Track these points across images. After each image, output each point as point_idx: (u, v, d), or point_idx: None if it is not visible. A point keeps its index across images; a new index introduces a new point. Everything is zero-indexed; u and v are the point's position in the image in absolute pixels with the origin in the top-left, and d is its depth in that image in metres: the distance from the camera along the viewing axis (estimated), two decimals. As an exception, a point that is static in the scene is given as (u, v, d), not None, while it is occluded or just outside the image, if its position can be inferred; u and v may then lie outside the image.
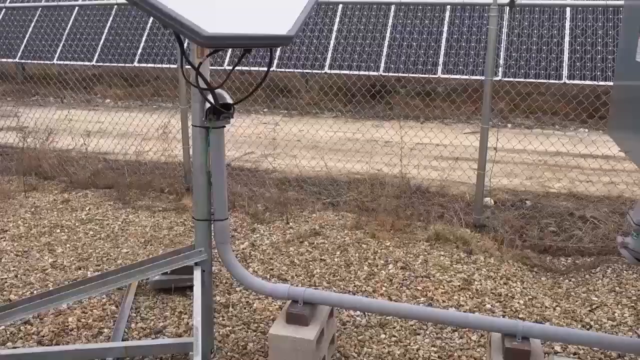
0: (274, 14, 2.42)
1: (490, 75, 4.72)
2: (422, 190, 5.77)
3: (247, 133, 8.02)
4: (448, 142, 6.91)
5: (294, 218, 5.05)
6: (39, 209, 5.33)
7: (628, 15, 2.79)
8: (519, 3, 4.82)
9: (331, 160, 6.88)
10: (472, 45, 11.12)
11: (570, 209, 5.33)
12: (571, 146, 6.71)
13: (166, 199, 5.59)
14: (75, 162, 6.54)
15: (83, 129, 8.09)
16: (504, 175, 6.42)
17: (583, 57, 10.32)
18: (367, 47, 11.65)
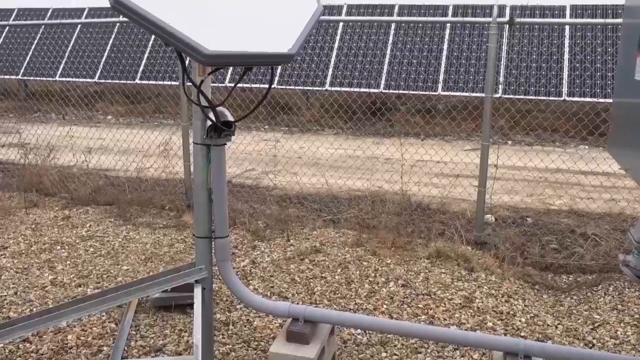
0: (275, 30, 2.44)
1: (490, 93, 4.74)
2: (422, 208, 5.76)
3: (248, 150, 8.04)
4: (448, 159, 6.92)
5: (295, 235, 5.04)
6: (39, 225, 5.32)
7: (626, 34, 2.81)
8: (518, 21, 4.85)
9: (332, 177, 6.89)
10: (472, 63, 11.19)
11: (572, 226, 5.32)
12: (572, 163, 6.72)
13: (167, 216, 5.59)
14: (77, 179, 6.55)
15: (84, 145, 8.11)
16: (505, 192, 6.42)
17: (582, 74, 10.37)
18: (367, 65, 11.72)
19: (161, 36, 2.10)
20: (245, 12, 2.42)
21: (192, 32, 2.12)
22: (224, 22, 2.30)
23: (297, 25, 2.52)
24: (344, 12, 12.59)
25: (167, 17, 2.11)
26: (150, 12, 2.07)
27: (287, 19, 2.54)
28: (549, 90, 10.47)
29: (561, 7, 11.37)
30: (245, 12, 2.42)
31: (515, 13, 11.43)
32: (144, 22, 2.08)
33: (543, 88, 10.51)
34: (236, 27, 2.32)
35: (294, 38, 2.41)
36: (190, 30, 2.11)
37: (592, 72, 10.41)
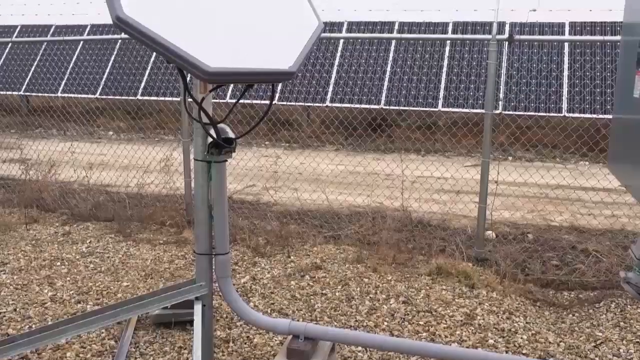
0: (277, 46, 2.45)
1: (490, 109, 4.76)
2: (423, 224, 5.76)
3: (248, 166, 8.05)
4: (449, 175, 6.93)
5: (295, 251, 5.03)
6: (39, 241, 5.32)
7: (625, 51, 2.83)
8: (517, 38, 4.88)
9: (332, 193, 6.89)
10: (472, 79, 11.24)
11: (573, 242, 5.31)
12: (572, 179, 6.72)
13: (167, 232, 5.58)
14: (77, 195, 6.55)
15: (85, 161, 8.13)
16: (506, 208, 6.41)
17: (582, 91, 10.42)
18: (368, 81, 11.78)
19: (163, 53, 2.11)
20: (247, 28, 2.44)
21: (194, 48, 2.13)
22: (226, 38, 2.32)
23: (298, 43, 2.54)
24: (345, 29, 12.68)
25: (169, 34, 2.13)
26: (152, 29, 2.09)
27: (288, 36, 2.56)
28: (548, 107, 10.51)
29: (560, 25, 11.45)
30: (247, 28, 2.44)
31: (515, 30, 11.51)
32: (145, 40, 2.10)
33: (543, 104, 10.56)
34: (238, 43, 2.34)
35: (295, 55, 2.43)
36: (191, 47, 2.13)
37: (591, 88, 10.46)
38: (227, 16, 2.43)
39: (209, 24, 2.33)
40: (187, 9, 2.31)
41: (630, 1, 2.91)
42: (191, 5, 2.34)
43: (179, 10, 2.28)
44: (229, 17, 2.43)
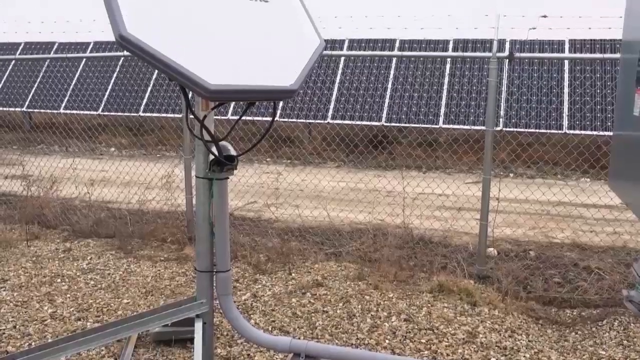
0: (278, 64, 2.47)
1: (491, 126, 4.77)
2: (425, 241, 5.74)
3: (250, 182, 8.05)
4: (450, 192, 6.93)
5: (296, 268, 5.01)
6: (40, 258, 5.31)
7: (624, 69, 2.84)
8: (517, 56, 4.91)
9: (334, 210, 6.89)
10: (472, 96, 11.29)
11: (575, 259, 5.29)
12: (573, 196, 6.71)
13: (168, 249, 5.57)
14: (78, 211, 6.55)
15: (87, 177, 8.14)
16: (507, 225, 6.40)
17: (582, 108, 10.45)
18: (369, 98, 11.83)
19: (165, 71, 2.13)
20: (249, 46, 2.46)
21: (196, 66, 2.15)
22: (228, 56, 2.34)
23: (299, 60, 2.56)
24: (346, 47, 12.76)
25: (171, 52, 2.14)
26: (154, 48, 2.11)
27: (290, 54, 2.58)
28: (549, 124, 10.54)
29: (560, 42, 11.52)
30: (249, 46, 2.46)
31: (515, 48, 11.58)
32: (148, 58, 2.12)
33: (544, 121, 10.58)
34: (240, 61, 2.35)
35: (296, 73, 2.44)
36: (193, 65, 2.14)
37: (592, 105, 10.49)
38: (230, 34, 2.45)
39: (211, 42, 2.35)
40: (189, 27, 2.33)
41: (629, 19, 2.93)
42: (194, 23, 2.36)
43: (181, 28, 2.30)
44: (231, 35, 2.45)
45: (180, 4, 2.38)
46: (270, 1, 2.80)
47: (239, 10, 2.60)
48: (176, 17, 2.32)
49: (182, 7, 2.38)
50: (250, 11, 2.65)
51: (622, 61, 3.04)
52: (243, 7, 2.64)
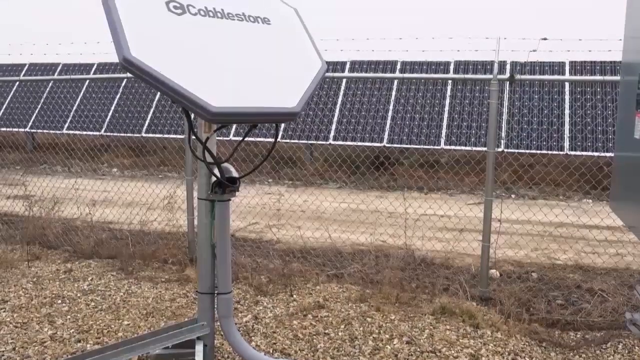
0: (281, 87, 2.49)
1: (492, 148, 4.78)
2: (427, 262, 5.72)
3: (252, 203, 8.06)
4: (452, 214, 6.92)
5: (298, 290, 4.99)
6: (41, 278, 5.29)
7: (624, 91, 2.86)
8: (518, 78, 4.94)
9: (335, 231, 6.87)
10: (473, 118, 11.33)
11: (578, 281, 5.27)
12: (575, 217, 6.70)
13: (169, 270, 5.56)
14: (80, 232, 6.55)
15: (89, 198, 8.15)
16: (509, 246, 6.38)
17: (584, 129, 10.48)
18: (370, 120, 11.88)
19: (168, 94, 2.15)
20: (252, 68, 2.48)
21: (198, 89, 2.16)
22: (231, 79, 2.36)
23: (302, 83, 2.58)
24: (347, 68, 12.84)
25: (174, 74, 2.16)
26: (158, 70, 2.13)
27: (292, 76, 2.60)
28: (550, 145, 10.56)
29: (560, 64, 11.59)
30: (252, 68, 2.48)
31: (516, 69, 11.65)
32: (151, 80, 2.14)
33: (545, 142, 10.61)
34: (242, 84, 2.37)
35: (299, 95, 2.46)
36: (196, 87, 2.16)
37: (592, 127, 10.52)
38: (232, 57, 2.47)
39: (214, 65, 2.37)
40: (192, 50, 2.35)
41: (628, 41, 2.96)
42: (197, 45, 2.38)
43: (184, 51, 2.32)
44: (234, 58, 2.47)
45: (183, 27, 2.41)
46: (273, 24, 2.83)
47: (242, 33, 2.63)
48: (179, 40, 2.34)
49: (185, 30, 2.40)
50: (253, 34, 2.68)
51: (622, 83, 3.07)
52: (246, 29, 2.66)
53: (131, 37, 2.18)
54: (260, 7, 2.85)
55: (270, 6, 2.91)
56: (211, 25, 2.52)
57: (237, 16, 2.67)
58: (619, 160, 2.83)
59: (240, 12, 2.71)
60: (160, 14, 2.37)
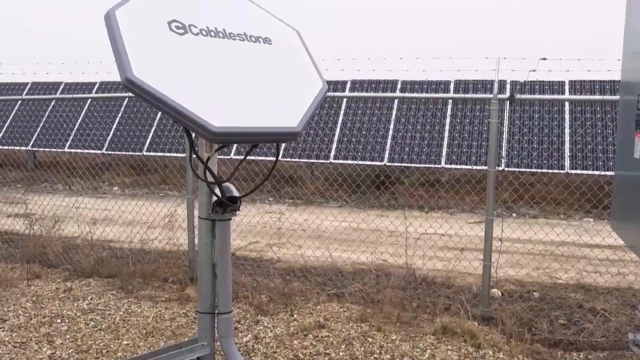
0: (281, 107, 2.50)
1: (493, 167, 4.79)
2: (428, 282, 5.70)
3: (252, 222, 8.05)
4: (453, 233, 6.90)
5: (299, 309, 4.97)
6: (40, 297, 5.27)
7: (624, 111, 2.87)
8: (518, 98, 4.97)
9: (336, 251, 6.86)
10: (474, 137, 11.36)
11: (580, 300, 5.24)
12: (577, 236, 6.69)
13: (169, 289, 5.53)
14: (80, 250, 6.53)
15: (90, 216, 8.15)
16: (511, 266, 6.36)
17: (584, 148, 10.50)
18: (371, 139, 11.91)
19: (170, 114, 2.16)
20: (253, 88, 2.50)
21: (200, 109, 2.17)
22: (232, 99, 2.37)
23: (303, 103, 2.59)
24: (348, 88, 12.91)
25: (176, 95, 2.17)
26: (160, 90, 2.14)
27: (293, 96, 2.61)
28: (551, 164, 10.57)
29: (560, 83, 11.65)
30: (253, 88, 2.50)
31: (516, 89, 11.71)
32: (153, 100, 2.15)
33: (545, 161, 10.62)
34: (244, 104, 2.39)
35: (299, 115, 2.47)
36: (197, 107, 2.17)
37: (593, 146, 10.54)
38: (233, 76, 2.49)
39: (215, 85, 2.38)
40: (194, 69, 2.37)
41: (627, 61, 2.98)
42: (198, 65, 2.40)
43: (185, 70, 2.34)
44: (235, 78, 2.49)
45: (185, 47, 2.43)
46: (274, 44, 2.85)
47: (243, 52, 2.65)
48: (181, 59, 2.36)
49: (186, 50, 2.43)
50: (254, 53, 2.70)
51: (621, 103, 3.08)
52: (247, 49, 2.69)
53: (133, 57, 2.19)
54: (261, 27, 2.88)
55: (272, 27, 2.94)
56: (213, 45, 2.54)
57: (239, 36, 2.70)
58: (619, 179, 2.83)
59: (242, 32, 2.73)
60: (162, 33, 2.39)
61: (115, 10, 2.32)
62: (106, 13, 2.31)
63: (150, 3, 2.47)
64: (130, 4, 2.39)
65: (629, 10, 2.97)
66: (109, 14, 2.30)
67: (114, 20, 2.28)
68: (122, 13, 2.32)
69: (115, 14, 2.30)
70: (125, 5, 2.37)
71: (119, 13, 2.32)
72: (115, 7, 2.34)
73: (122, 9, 2.34)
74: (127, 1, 2.39)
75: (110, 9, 2.32)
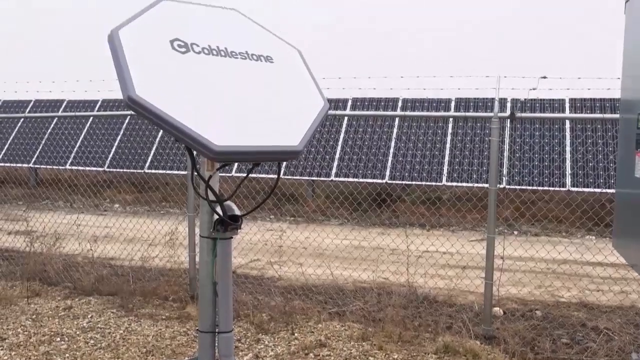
0: (283, 125, 2.51)
1: (494, 185, 4.79)
2: (429, 300, 5.67)
3: (253, 240, 8.04)
4: (455, 251, 6.88)
5: (299, 328, 4.94)
6: (40, 315, 5.25)
7: (624, 129, 2.88)
8: (519, 116, 4.98)
9: (337, 268, 6.83)
10: (475, 154, 11.38)
11: (582, 319, 5.21)
12: (579, 254, 6.66)
13: (170, 307, 5.51)
14: (81, 268, 6.52)
15: (90, 234, 8.14)
16: (513, 284, 6.33)
17: (585, 166, 10.51)
18: (372, 156, 11.93)
19: (172, 132, 2.16)
20: (255, 107, 2.51)
21: (202, 128, 2.18)
22: (234, 118, 2.38)
23: (304, 122, 2.60)
24: (349, 106, 12.96)
25: (178, 113, 2.18)
26: (162, 109, 2.15)
27: (295, 115, 2.62)
28: (552, 181, 10.57)
29: (560, 101, 11.69)
30: (255, 107, 2.51)
31: (516, 107, 11.75)
32: (155, 119, 2.15)
33: (546, 179, 10.62)
34: (245, 122, 2.40)
35: (301, 134, 2.48)
36: (200, 126, 2.18)
37: (594, 164, 10.55)
38: (235, 95, 2.50)
39: (217, 103, 2.39)
40: (195, 88, 2.38)
41: (627, 79, 2.99)
42: (200, 84, 2.42)
43: (188, 89, 2.35)
44: (237, 96, 2.50)
45: (187, 66, 2.45)
46: (276, 62, 2.87)
47: (245, 71, 2.67)
48: (183, 78, 2.38)
49: (188, 68, 2.44)
50: (256, 72, 2.72)
51: (621, 121, 3.09)
52: (249, 67, 2.70)
53: (136, 76, 2.21)
54: (263, 46, 2.90)
55: (274, 45, 2.96)
56: (214, 63, 2.56)
57: (241, 54, 2.71)
58: (620, 198, 2.83)
59: (244, 51, 2.75)
60: (164, 52, 2.41)
61: (118, 30, 2.34)
62: (109, 33, 2.34)
63: (153, 22, 2.50)
64: (133, 24, 2.41)
65: (627, 29, 2.99)
66: (112, 34, 2.32)
67: (117, 39, 2.30)
68: (125, 33, 2.34)
69: (119, 33, 2.32)
70: (128, 25, 2.39)
71: (122, 33, 2.34)
72: (119, 27, 2.36)
73: (125, 28, 2.36)
74: (130, 21, 2.42)
75: (114, 28, 2.35)
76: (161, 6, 2.62)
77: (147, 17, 2.51)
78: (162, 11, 2.60)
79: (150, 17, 2.53)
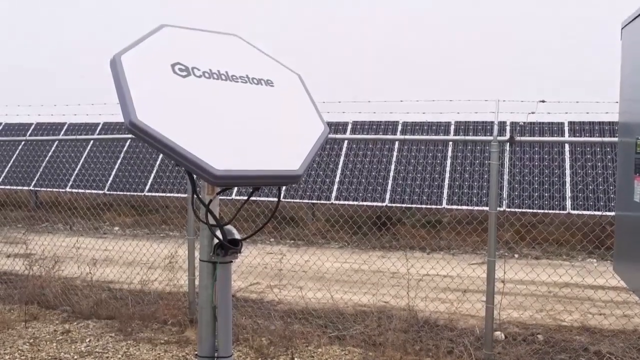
0: (283, 149, 2.52)
1: (494, 208, 4.79)
2: (430, 324, 5.63)
3: (253, 263, 8.00)
4: (455, 274, 6.85)
5: (299, 353, 4.90)
6: (38, 340, 5.21)
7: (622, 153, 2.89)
8: (518, 140, 5.00)
9: (337, 292, 6.80)
10: (475, 178, 11.40)
11: (585, 343, 5.16)
12: (580, 278, 6.63)
13: (169, 331, 5.47)
14: (79, 291, 6.48)
15: (90, 256, 8.10)
16: (514, 307, 6.29)
17: (585, 189, 10.51)
18: (372, 180, 11.95)
19: (173, 157, 2.17)
20: (255, 132, 2.52)
21: (203, 152, 2.19)
22: (234, 140, 2.39)
23: (304, 146, 2.61)
24: (349, 129, 13.01)
25: (178, 138, 2.19)
26: (163, 134, 2.16)
27: (295, 139, 2.63)
28: (552, 205, 10.57)
29: (560, 124, 11.74)
30: (255, 132, 2.52)
31: (516, 130, 11.80)
32: (156, 144, 2.17)
33: (546, 202, 10.62)
34: (246, 146, 2.41)
35: (301, 159, 2.49)
36: (200, 151, 2.19)
37: (594, 187, 10.56)
38: (236, 119, 2.52)
39: (218, 128, 2.41)
40: (196, 112, 2.40)
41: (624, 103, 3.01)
42: (200, 108, 2.43)
43: (188, 113, 2.37)
44: (237, 120, 2.52)
45: (187, 90, 2.47)
46: (276, 86, 2.89)
47: (245, 95, 2.69)
48: (184, 102, 2.40)
49: (189, 92, 2.46)
50: (256, 96, 2.73)
51: (620, 144, 3.11)
52: (249, 92, 2.72)
53: (137, 101, 2.22)
54: (263, 70, 2.92)
55: (274, 70, 2.99)
56: (215, 87, 2.58)
57: (241, 78, 2.74)
58: (620, 222, 2.83)
59: (244, 75, 2.77)
60: (165, 76, 2.43)
61: (120, 55, 2.36)
62: (112, 58, 2.36)
63: (154, 47, 2.53)
64: (136, 49, 2.44)
65: (624, 54, 3.02)
66: (114, 59, 2.35)
67: (119, 65, 2.32)
68: (127, 58, 2.37)
69: (121, 59, 2.35)
70: (130, 50, 2.41)
71: (125, 58, 2.36)
72: (121, 52, 2.38)
73: (127, 54, 2.38)
74: (133, 46, 2.44)
75: (116, 54, 2.37)
76: (163, 32, 2.65)
77: (149, 42, 2.54)
78: (164, 36, 2.64)
79: (152, 42, 2.56)
